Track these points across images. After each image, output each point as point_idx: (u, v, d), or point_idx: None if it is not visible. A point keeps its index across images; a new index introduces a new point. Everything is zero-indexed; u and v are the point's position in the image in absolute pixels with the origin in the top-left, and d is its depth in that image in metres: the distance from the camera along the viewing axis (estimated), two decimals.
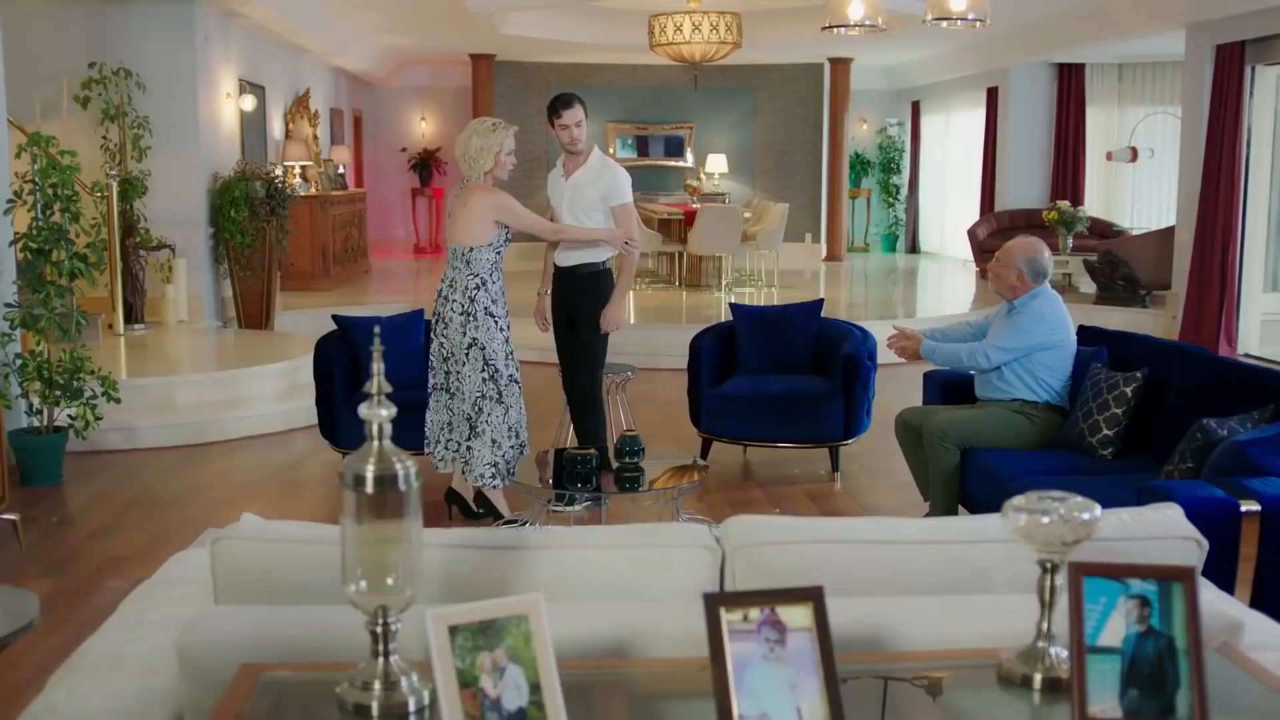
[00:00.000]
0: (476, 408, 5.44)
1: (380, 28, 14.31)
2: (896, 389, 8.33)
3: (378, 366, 1.86)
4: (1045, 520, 1.92)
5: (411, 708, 1.84)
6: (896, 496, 6.29)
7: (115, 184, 9.35)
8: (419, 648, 2.04)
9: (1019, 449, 5.05)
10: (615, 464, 4.93)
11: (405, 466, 1.85)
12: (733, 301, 8.14)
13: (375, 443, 1.86)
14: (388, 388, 1.86)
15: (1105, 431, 4.86)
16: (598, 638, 2.15)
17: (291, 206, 11.02)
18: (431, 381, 5.62)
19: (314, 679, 2.03)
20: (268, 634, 2.12)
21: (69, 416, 6.57)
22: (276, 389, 8.39)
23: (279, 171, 11.91)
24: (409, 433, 5.09)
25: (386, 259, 17.46)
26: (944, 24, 6.65)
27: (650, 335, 10.30)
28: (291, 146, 13.28)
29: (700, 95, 16.97)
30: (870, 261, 18.30)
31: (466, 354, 5.42)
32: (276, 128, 13.33)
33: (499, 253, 5.51)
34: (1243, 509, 3.53)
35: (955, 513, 5.15)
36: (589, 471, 4.70)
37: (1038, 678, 1.95)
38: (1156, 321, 11.39)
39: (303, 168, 13.47)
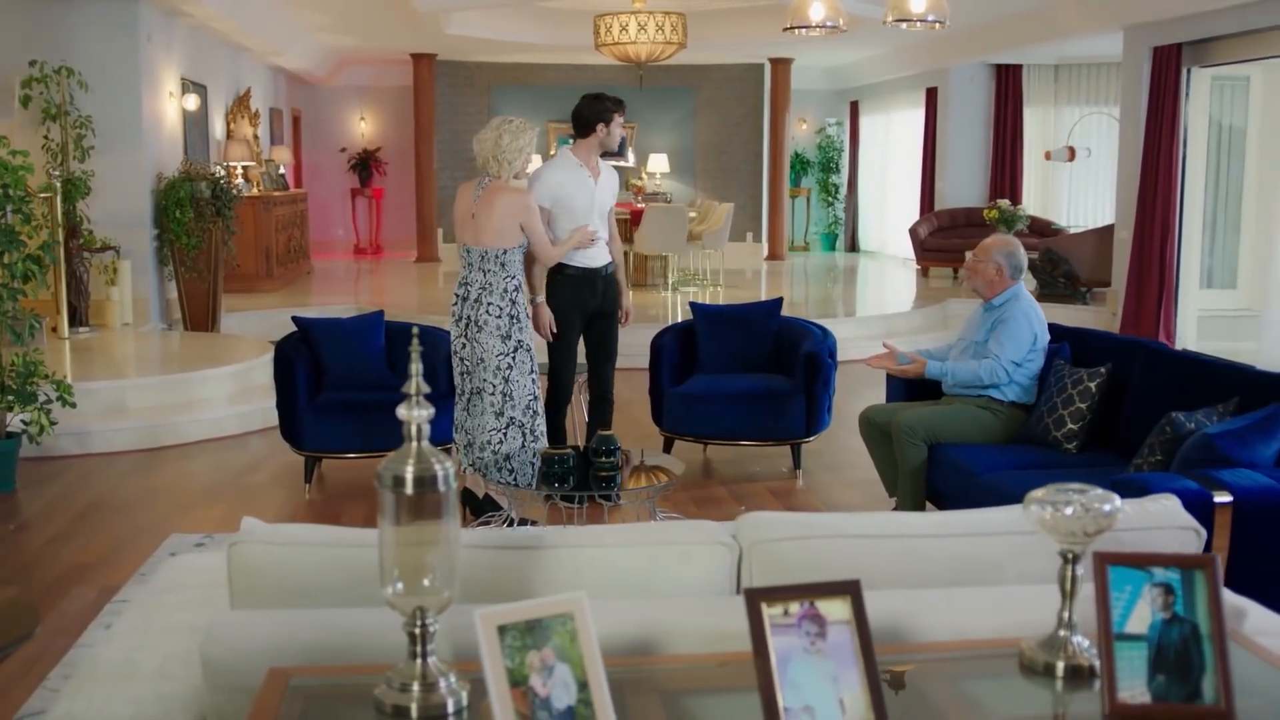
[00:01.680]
0: (531, 410, 5.43)
1: (325, 27, 14.16)
2: (852, 387, 8.43)
3: (416, 367, 1.86)
4: (1068, 511, 1.98)
5: (450, 709, 1.84)
6: (858, 492, 6.36)
7: (59, 184, 9.18)
8: (448, 648, 2.04)
9: (986, 444, 5.13)
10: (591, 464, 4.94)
11: (444, 467, 1.85)
12: (693, 301, 8.16)
13: (414, 444, 1.86)
14: (426, 388, 1.87)
15: (1070, 426, 4.96)
16: (620, 635, 2.16)
17: (236, 207, 10.89)
18: (461, 386, 5.52)
19: (344, 682, 2.03)
20: (291, 638, 2.11)
21: (22, 422, 6.44)
22: (228, 391, 8.29)
23: (222, 172, 11.76)
24: (387, 430, 5.04)
25: (327, 260, 17.28)
26: (904, 25, 6.75)
27: None
28: (233, 147, 13.12)
29: (641, 95, 16.98)
30: (811, 260, 18.43)
31: (513, 357, 5.38)
32: (218, 127, 13.17)
33: (524, 253, 5.52)
34: (1216, 500, 3.63)
35: (923, 508, 5.23)
36: (566, 470, 4.72)
37: (1060, 665, 2.00)
38: (1097, 317, 11.61)
39: (244, 168, 13.31)
